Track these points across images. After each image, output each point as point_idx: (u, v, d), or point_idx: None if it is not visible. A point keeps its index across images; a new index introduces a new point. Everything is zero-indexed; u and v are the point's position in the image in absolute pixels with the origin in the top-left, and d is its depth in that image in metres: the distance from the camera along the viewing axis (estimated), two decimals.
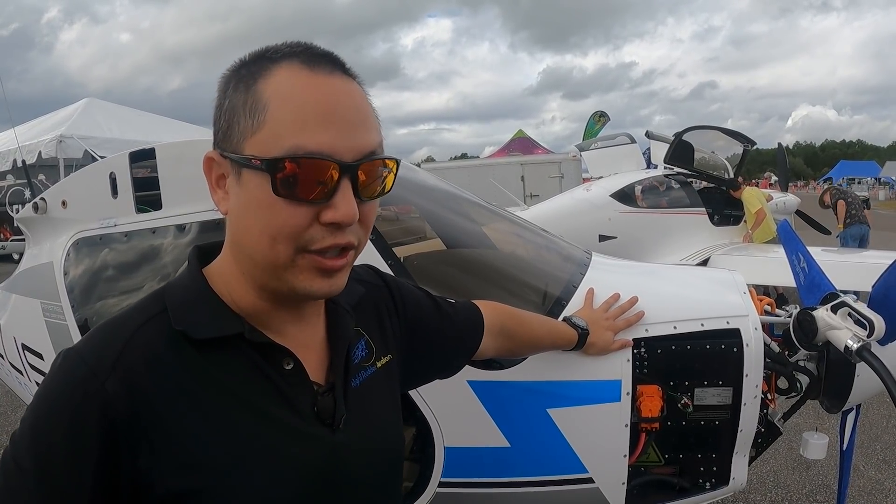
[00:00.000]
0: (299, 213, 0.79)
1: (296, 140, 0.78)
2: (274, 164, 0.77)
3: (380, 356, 1.05)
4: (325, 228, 0.80)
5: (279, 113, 0.79)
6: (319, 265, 0.82)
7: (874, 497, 3.77)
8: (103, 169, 2.33)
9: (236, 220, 0.85)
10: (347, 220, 0.80)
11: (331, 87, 0.81)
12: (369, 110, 0.85)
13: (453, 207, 2.64)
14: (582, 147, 11.24)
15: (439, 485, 1.79)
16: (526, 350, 1.62)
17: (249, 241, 0.83)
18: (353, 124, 0.81)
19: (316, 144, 0.78)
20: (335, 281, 0.85)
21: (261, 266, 0.83)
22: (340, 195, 0.79)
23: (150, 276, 2.16)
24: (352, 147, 0.80)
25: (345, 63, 0.85)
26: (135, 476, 0.78)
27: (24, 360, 2.81)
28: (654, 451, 1.87)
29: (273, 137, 0.78)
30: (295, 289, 0.83)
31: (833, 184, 11.07)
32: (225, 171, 0.85)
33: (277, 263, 0.82)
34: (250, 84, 0.81)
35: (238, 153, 0.81)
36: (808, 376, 1.90)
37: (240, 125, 0.81)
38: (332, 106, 0.80)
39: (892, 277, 1.70)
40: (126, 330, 0.83)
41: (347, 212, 0.79)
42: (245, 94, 0.81)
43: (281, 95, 0.79)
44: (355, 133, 0.81)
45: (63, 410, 0.77)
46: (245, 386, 0.84)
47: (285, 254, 0.81)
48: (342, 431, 0.90)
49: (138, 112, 13.00)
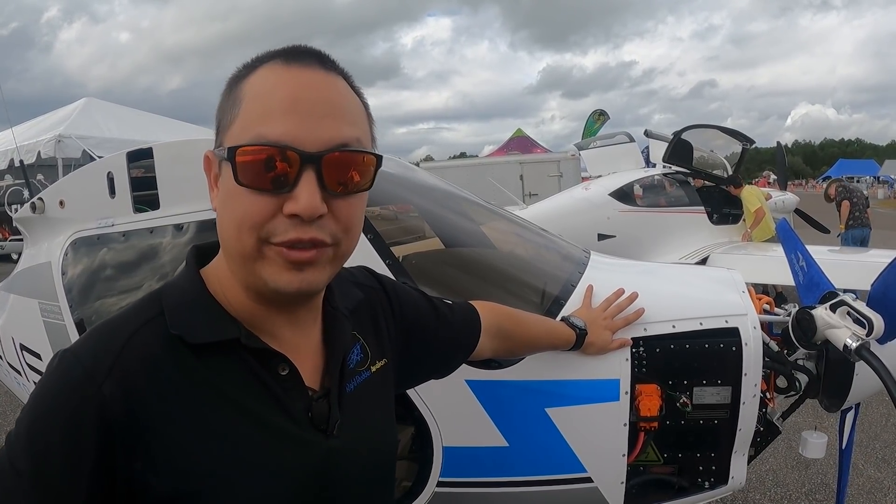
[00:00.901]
0: (260, 202, 0.79)
1: (258, 129, 0.78)
2: (233, 152, 0.78)
3: (374, 360, 1.04)
4: (289, 221, 0.79)
5: (249, 105, 0.80)
6: (285, 256, 0.80)
7: (873, 496, 3.77)
8: (101, 169, 2.33)
9: (218, 214, 0.86)
10: (308, 213, 0.78)
11: (302, 78, 0.81)
12: (346, 103, 0.84)
13: (452, 207, 2.64)
14: (581, 146, 11.25)
15: (438, 484, 1.79)
16: (524, 350, 1.62)
17: (224, 233, 0.84)
18: (320, 115, 0.80)
19: (276, 134, 0.77)
20: (306, 276, 0.82)
21: (235, 259, 0.84)
22: (302, 186, 0.78)
23: (147, 276, 2.16)
24: (317, 137, 0.79)
25: (328, 57, 0.85)
26: (130, 478, 0.77)
27: (22, 360, 2.80)
28: (652, 451, 1.87)
29: (242, 130, 0.80)
30: (266, 282, 0.82)
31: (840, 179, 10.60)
32: (216, 168, 0.86)
33: (245, 254, 0.81)
34: (234, 85, 0.84)
35: (216, 148, 0.84)
36: (807, 375, 1.90)
37: (221, 123, 0.84)
38: (298, 96, 0.79)
39: (891, 276, 1.70)
40: (123, 332, 0.83)
41: (309, 203, 0.77)
42: (229, 94, 0.84)
43: (254, 90, 0.81)
44: (321, 123, 0.79)
45: (59, 412, 0.77)
46: (241, 391, 0.84)
47: (250, 244, 0.80)
48: (336, 437, 0.90)
49: (137, 112, 12.99)
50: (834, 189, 9.92)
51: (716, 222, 8.00)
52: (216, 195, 0.87)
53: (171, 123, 12.69)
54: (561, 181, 13.33)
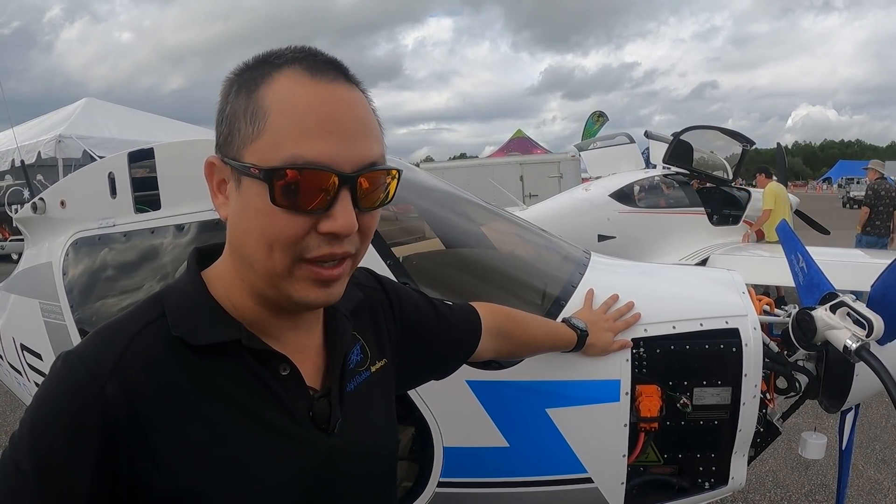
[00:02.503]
0: (297, 222, 0.79)
1: (295, 149, 0.77)
2: (272, 174, 0.77)
3: (374, 361, 1.05)
4: (322, 238, 0.80)
5: (279, 121, 0.78)
6: (316, 276, 0.81)
7: (873, 497, 3.77)
8: (102, 169, 2.33)
9: (235, 226, 0.84)
10: (345, 231, 0.79)
11: (332, 95, 0.80)
12: (371, 120, 0.84)
13: (452, 207, 2.64)
14: (581, 147, 11.26)
15: (438, 485, 1.79)
16: (524, 352, 1.62)
17: (247, 248, 0.83)
18: (354, 134, 0.80)
19: (315, 154, 0.77)
20: (332, 290, 0.84)
21: (259, 274, 0.83)
22: (339, 206, 0.79)
23: (148, 277, 2.16)
24: (352, 157, 0.79)
25: (348, 70, 0.84)
26: (133, 479, 0.78)
27: (22, 360, 2.80)
28: (653, 451, 1.87)
29: (272, 146, 0.78)
30: (292, 298, 0.83)
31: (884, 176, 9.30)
32: (225, 176, 0.84)
33: (275, 272, 0.81)
34: (252, 90, 0.81)
35: (238, 160, 0.80)
36: (806, 376, 1.90)
37: (240, 132, 0.80)
38: (332, 115, 0.79)
39: (891, 277, 1.70)
40: (126, 334, 0.83)
41: (346, 223, 0.79)
42: (246, 101, 0.80)
43: (281, 103, 0.78)
44: (355, 143, 0.80)
45: (63, 413, 0.78)
46: (243, 391, 0.85)
47: (282, 263, 0.80)
48: (337, 436, 0.90)
49: (137, 112, 12.98)
50: (872, 176, 9.16)
51: (715, 223, 8.00)
52: (223, 202, 0.86)
53: (172, 124, 12.68)
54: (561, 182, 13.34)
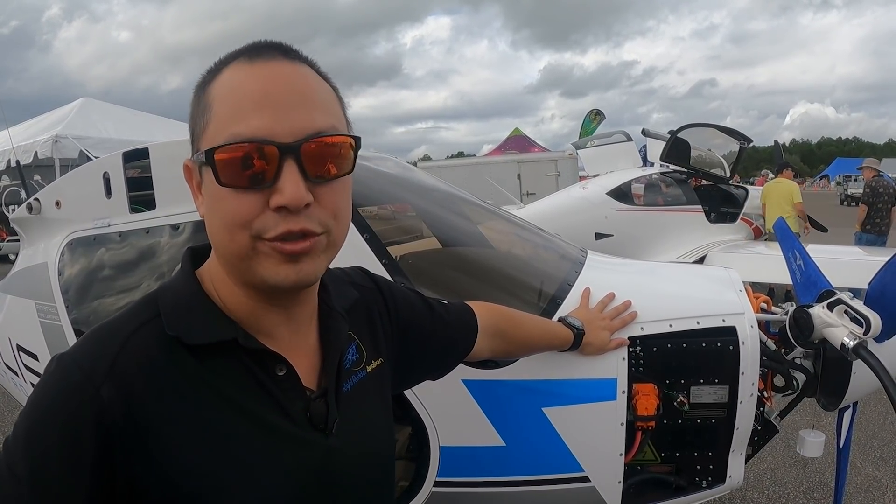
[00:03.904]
0: (247, 200, 0.78)
1: (232, 129, 0.78)
2: (211, 155, 0.78)
3: (370, 360, 1.04)
4: (278, 214, 0.78)
5: (220, 108, 0.80)
6: (280, 250, 0.80)
7: (871, 494, 3.77)
8: (97, 169, 2.32)
9: (207, 220, 0.86)
10: (294, 203, 0.77)
11: (268, 72, 0.80)
12: (314, 91, 0.83)
13: (449, 206, 2.64)
14: (578, 145, 11.26)
15: (434, 484, 1.78)
16: (521, 351, 1.61)
17: (216, 238, 0.84)
18: (291, 105, 0.79)
19: (251, 130, 0.77)
20: (303, 267, 0.82)
21: (230, 261, 0.84)
22: (285, 178, 0.78)
23: (144, 276, 2.16)
24: (291, 128, 0.78)
25: (290, 48, 0.85)
26: (130, 482, 0.77)
27: (19, 361, 2.80)
28: (650, 450, 1.86)
29: (215, 132, 0.80)
30: (263, 278, 0.82)
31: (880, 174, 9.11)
32: (198, 176, 0.86)
33: (240, 254, 0.81)
34: (201, 91, 0.84)
35: (193, 154, 0.84)
36: (804, 374, 1.90)
37: (194, 130, 0.84)
38: (266, 90, 0.79)
39: (888, 275, 1.70)
40: (120, 335, 0.82)
41: (294, 193, 0.77)
42: (198, 102, 0.84)
43: (223, 92, 0.81)
44: (293, 114, 0.79)
45: (57, 416, 0.77)
46: (239, 391, 0.84)
47: (243, 243, 0.80)
48: (335, 436, 0.90)
49: (134, 112, 12.98)
50: (868, 175, 9.04)
51: (713, 221, 8.01)
52: (202, 202, 0.87)
53: (168, 123, 12.68)
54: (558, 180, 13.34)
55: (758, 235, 8.40)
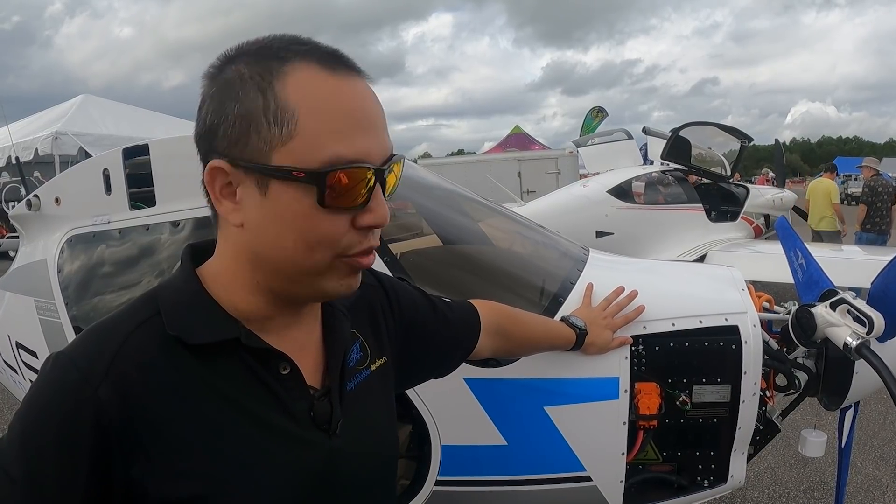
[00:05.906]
0: (340, 221, 0.80)
1: (335, 149, 0.76)
2: (319, 176, 0.76)
3: (374, 359, 1.03)
4: (360, 232, 0.81)
5: (311, 122, 0.76)
6: (357, 265, 0.84)
7: (872, 493, 3.77)
8: (97, 165, 2.31)
9: (259, 231, 0.81)
10: (384, 222, 0.82)
11: (356, 91, 0.80)
12: (383, 112, 0.85)
13: (450, 204, 2.63)
14: (579, 143, 11.25)
15: (436, 483, 1.78)
16: (523, 350, 1.61)
17: (279, 252, 0.80)
18: (380, 127, 0.82)
19: (354, 152, 0.77)
20: (359, 276, 0.87)
21: (290, 275, 0.82)
22: (375, 199, 0.81)
23: (144, 273, 2.15)
24: (381, 150, 0.81)
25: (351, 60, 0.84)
26: (128, 484, 0.76)
27: (18, 358, 2.79)
28: (652, 449, 1.86)
29: (309, 147, 0.76)
30: (325, 291, 0.85)
31: (879, 173, 9.12)
32: (236, 180, 0.80)
33: (315, 270, 0.82)
34: (265, 88, 0.76)
35: (260, 163, 0.77)
36: (806, 373, 1.89)
37: (260, 133, 0.76)
38: (361, 111, 0.80)
39: (891, 274, 1.69)
40: (119, 334, 0.80)
41: (385, 215, 0.82)
42: (263, 99, 0.76)
43: (309, 102, 0.76)
44: (382, 136, 0.82)
45: (54, 417, 0.75)
46: (241, 391, 0.83)
47: (324, 260, 0.81)
48: (338, 436, 0.89)
49: (134, 108, 12.97)
50: (867, 174, 9.03)
51: (714, 220, 8.00)
52: (234, 208, 0.81)
53: (169, 120, 12.67)
54: (559, 178, 13.34)
55: (758, 234, 8.39)
